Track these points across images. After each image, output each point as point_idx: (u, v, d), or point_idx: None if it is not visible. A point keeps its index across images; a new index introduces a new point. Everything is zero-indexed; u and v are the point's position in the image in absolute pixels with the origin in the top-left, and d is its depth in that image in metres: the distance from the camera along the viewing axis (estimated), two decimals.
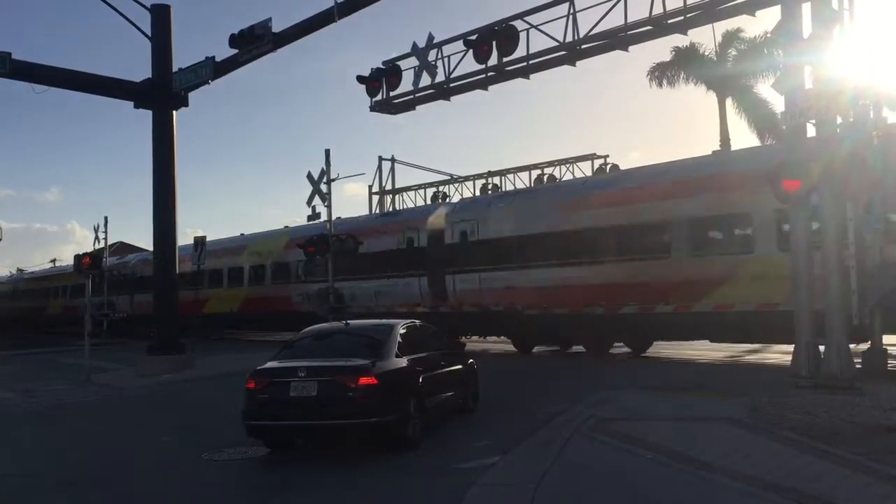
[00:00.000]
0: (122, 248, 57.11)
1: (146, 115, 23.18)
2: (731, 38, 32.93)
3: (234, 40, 21.12)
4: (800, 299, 12.78)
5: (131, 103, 23.34)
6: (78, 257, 23.49)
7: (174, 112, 23.14)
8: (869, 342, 14.19)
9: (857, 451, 8.46)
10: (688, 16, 16.80)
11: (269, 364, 10.51)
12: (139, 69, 36.76)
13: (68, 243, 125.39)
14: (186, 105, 23.34)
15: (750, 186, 16.56)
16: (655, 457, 8.68)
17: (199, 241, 27.70)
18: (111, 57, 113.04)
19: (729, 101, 33.96)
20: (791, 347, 13.22)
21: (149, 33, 22.72)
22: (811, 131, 13.09)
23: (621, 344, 21.79)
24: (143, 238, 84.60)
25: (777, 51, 24.03)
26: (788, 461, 8.28)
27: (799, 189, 12.58)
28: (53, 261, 65.42)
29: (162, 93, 22.76)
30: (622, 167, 26.40)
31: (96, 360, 23.16)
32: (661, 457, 8.66)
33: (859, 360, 13.52)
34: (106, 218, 41.67)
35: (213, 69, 22.10)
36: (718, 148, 33.11)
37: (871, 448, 8.63)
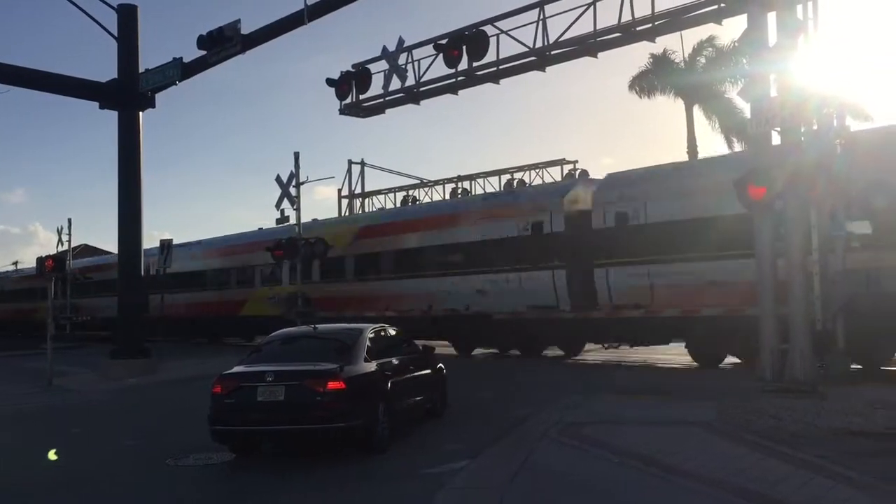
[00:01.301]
0: (87, 251, 56.32)
1: (113, 116, 22.90)
2: (702, 46, 33.50)
3: (202, 41, 20.94)
4: (764, 305, 12.94)
5: (97, 104, 23.04)
6: (41, 260, 23.11)
7: (140, 113, 22.88)
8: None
9: (820, 455, 8.58)
10: (656, 23, 16.98)
11: (237, 368, 10.41)
12: (106, 69, 36.28)
13: (31, 245, 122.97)
14: (153, 106, 23.10)
15: None
16: (623, 461, 8.73)
17: (166, 244, 27.39)
18: (77, 57, 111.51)
19: (698, 108, 34.43)
20: None
21: (115, 33, 22.46)
22: (777, 139, 13.27)
23: None
24: (109, 240, 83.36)
25: (744, 59, 24.37)
26: (754, 464, 8.37)
27: (764, 196, 12.74)
28: (15, 263, 63.83)
29: (128, 93, 22.49)
30: (592, 173, 26.56)
31: (60, 365, 22.76)
32: (628, 461, 8.71)
33: (822, 365, 13.71)
34: (70, 220, 41.18)
35: (180, 70, 21.91)
36: (686, 154, 33.58)
37: (834, 451, 8.75)
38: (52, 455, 10.83)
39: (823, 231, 13.40)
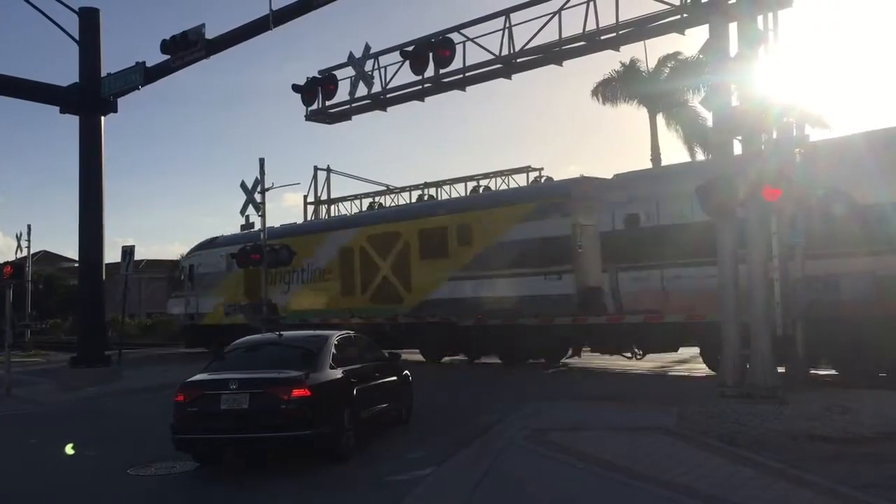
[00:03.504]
0: (46, 258, 55.39)
1: (74, 120, 22.56)
2: (667, 59, 34.16)
3: (165, 46, 20.73)
4: (726, 311, 13.09)
5: (57, 108, 22.68)
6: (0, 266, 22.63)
7: (102, 118, 22.57)
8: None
9: (780, 459, 8.70)
10: (620, 32, 17.17)
11: (200, 376, 10.30)
12: (67, 73, 35.65)
13: None
14: (115, 111, 22.80)
15: None
16: (587, 466, 8.77)
17: (128, 251, 27.02)
18: (37, 60, 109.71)
19: (661, 117, 34.94)
20: None
21: (77, 37, 22.14)
22: (738, 147, 13.47)
23: None
24: (70, 247, 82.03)
25: (706, 69, 24.75)
26: (716, 469, 8.46)
27: (726, 203, 12.91)
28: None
29: (90, 98, 22.16)
30: (558, 179, 26.70)
31: (18, 374, 22.33)
32: (592, 466, 8.75)
33: (783, 370, 13.91)
34: (29, 226, 40.56)
35: (143, 75, 21.66)
36: (650, 162, 34.02)
37: (794, 455, 8.89)
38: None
39: (784, 238, 13.64)
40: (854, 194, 14.63)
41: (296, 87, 21.65)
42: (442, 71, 19.02)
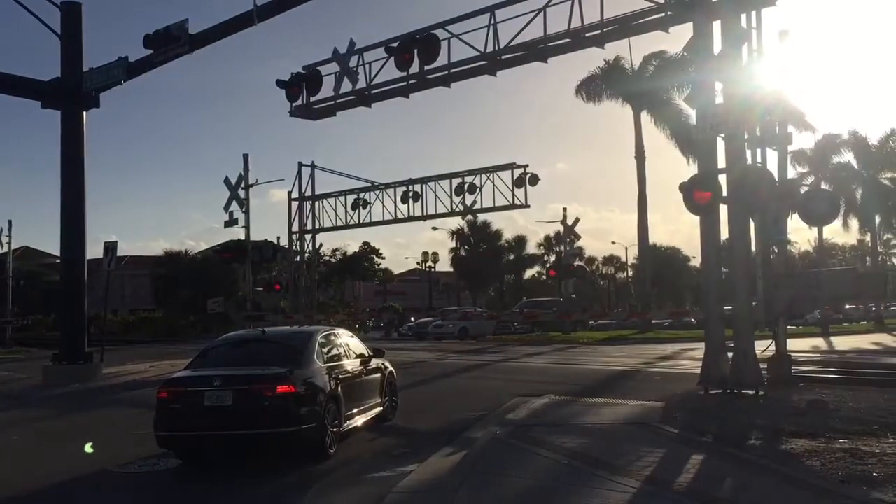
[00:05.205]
0: (27, 254, 54.95)
1: (56, 114, 22.37)
2: (652, 56, 34.42)
3: (148, 41, 20.60)
4: (709, 308, 13.18)
5: (38, 103, 22.48)
6: None
7: (84, 113, 22.40)
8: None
9: (762, 454, 8.76)
10: (604, 30, 17.22)
11: (183, 373, 10.25)
12: (48, 68, 35.34)
13: None
14: (98, 106, 22.66)
15: None
16: (571, 462, 8.80)
17: (110, 247, 26.84)
18: (17, 54, 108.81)
19: (646, 115, 35.18)
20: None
21: (58, 31, 21.96)
22: (721, 145, 13.53)
23: None
24: (51, 243, 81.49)
25: (690, 67, 24.90)
26: (699, 464, 8.51)
27: (710, 200, 12.98)
28: None
29: (71, 92, 21.99)
30: (544, 177, 26.80)
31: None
32: (576, 462, 8.78)
33: (765, 367, 14.01)
34: (10, 221, 40.09)
35: (125, 69, 21.52)
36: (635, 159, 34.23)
37: (776, 451, 8.95)
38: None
39: (767, 235, 13.72)
40: None
41: (280, 83, 21.59)
42: (427, 67, 19.02)
